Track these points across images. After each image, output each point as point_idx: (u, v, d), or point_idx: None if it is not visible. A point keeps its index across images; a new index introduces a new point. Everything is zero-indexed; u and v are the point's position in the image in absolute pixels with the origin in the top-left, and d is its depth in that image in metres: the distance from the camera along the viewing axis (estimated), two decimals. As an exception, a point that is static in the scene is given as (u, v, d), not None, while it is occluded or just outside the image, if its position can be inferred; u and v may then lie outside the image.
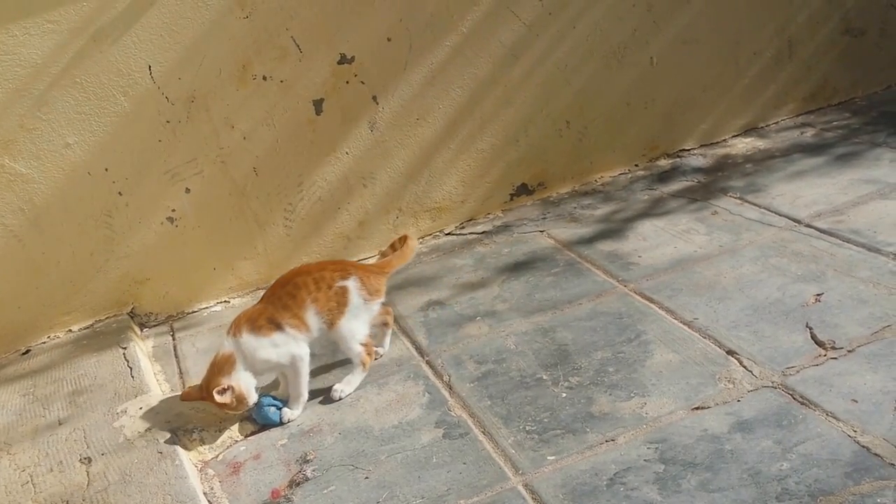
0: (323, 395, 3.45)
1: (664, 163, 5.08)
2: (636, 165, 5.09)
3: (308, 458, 3.09)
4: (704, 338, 3.32)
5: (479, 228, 4.70)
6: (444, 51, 4.45)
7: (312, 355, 3.70)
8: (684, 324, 3.44)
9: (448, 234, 4.73)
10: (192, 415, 3.33)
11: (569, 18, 4.64)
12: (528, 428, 3.02)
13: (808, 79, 5.32)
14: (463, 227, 4.76)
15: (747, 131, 5.28)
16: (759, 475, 2.58)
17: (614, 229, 4.37)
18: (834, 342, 3.12)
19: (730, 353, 3.19)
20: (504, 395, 3.23)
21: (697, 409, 2.93)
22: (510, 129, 4.72)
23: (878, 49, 5.40)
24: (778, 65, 5.20)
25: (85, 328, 4.20)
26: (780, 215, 4.14)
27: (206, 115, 4.10)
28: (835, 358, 3.04)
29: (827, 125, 5.14)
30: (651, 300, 3.66)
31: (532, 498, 2.69)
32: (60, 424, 3.40)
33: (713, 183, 4.68)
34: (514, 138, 4.75)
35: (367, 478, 2.93)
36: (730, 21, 5.01)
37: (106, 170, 4.03)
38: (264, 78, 4.16)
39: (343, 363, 3.63)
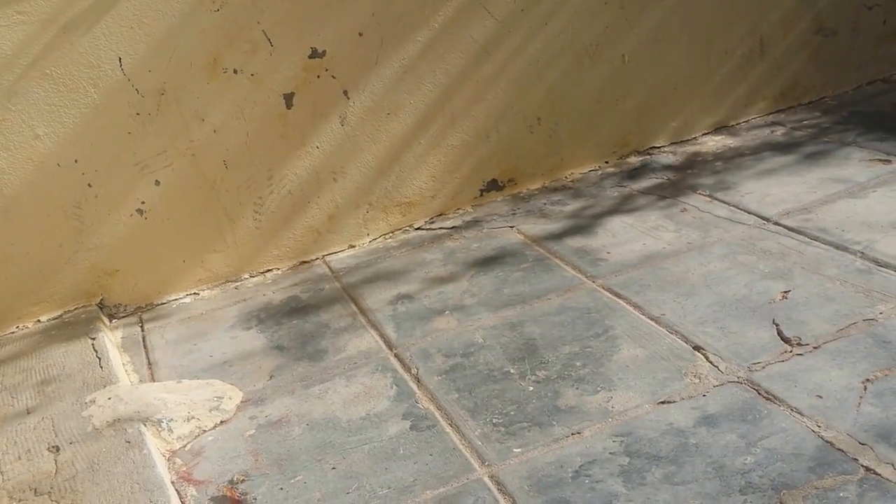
0: (292, 387, 3.46)
1: (634, 160, 5.10)
2: (606, 162, 5.11)
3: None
4: (671, 333, 3.34)
5: (449, 223, 4.71)
6: (416, 46, 4.46)
7: (281, 348, 3.72)
8: (652, 319, 3.46)
9: (418, 228, 4.73)
10: (161, 405, 3.33)
11: (541, 15, 4.65)
12: (494, 420, 3.04)
13: (779, 78, 5.35)
14: (433, 222, 4.76)
15: (718, 129, 5.31)
16: (724, 469, 2.60)
17: (584, 225, 4.39)
18: (800, 338, 3.15)
19: (696, 348, 3.22)
20: (471, 388, 3.24)
21: (663, 403, 2.95)
22: (481, 125, 4.73)
23: (849, 49, 5.44)
24: (749, 63, 5.23)
25: (54, 319, 4.18)
26: (748, 213, 4.17)
27: (177, 107, 4.09)
28: (800, 354, 3.07)
29: (797, 124, 5.17)
30: (619, 296, 3.68)
31: (498, 489, 2.71)
32: (28, 413, 3.38)
33: (683, 180, 4.70)
34: (485, 134, 4.75)
35: (334, 468, 2.93)
36: (702, 19, 5.03)
37: (75, 161, 4.00)
38: (235, 71, 4.15)
39: (309, 357, 3.65)
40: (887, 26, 5.50)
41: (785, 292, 3.47)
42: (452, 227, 4.65)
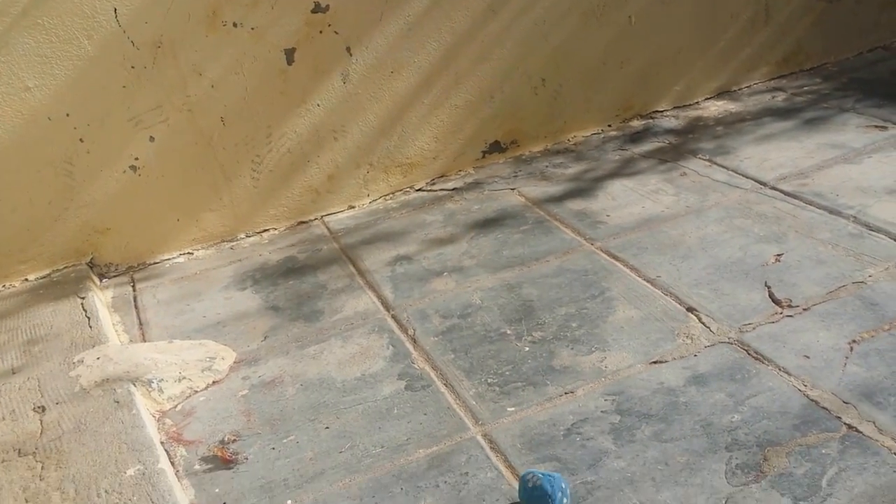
0: (287, 348, 3.45)
1: (637, 123, 5.08)
2: (609, 125, 5.08)
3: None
4: (666, 295, 3.35)
5: (450, 185, 4.69)
6: (421, 3, 4.40)
7: (276, 309, 3.71)
8: (647, 281, 3.47)
9: (419, 190, 4.71)
10: (151, 365, 3.31)
11: (549, -26, 4.62)
12: (489, 380, 3.04)
13: (782, 43, 5.32)
14: (434, 184, 4.74)
15: (720, 94, 5.29)
16: (711, 426, 2.64)
17: (584, 188, 4.37)
18: (790, 300, 3.19)
19: (690, 309, 3.23)
20: (468, 348, 3.25)
21: (655, 363, 2.98)
22: (485, 86, 4.69)
23: (853, 15, 5.40)
24: (753, 28, 5.19)
25: (42, 277, 4.14)
26: (746, 177, 4.18)
27: (173, 61, 4.04)
28: (790, 316, 3.11)
29: (798, 90, 5.17)
30: (617, 258, 3.67)
31: (490, 447, 2.72)
32: (14, 373, 3.35)
33: (684, 144, 4.69)
34: (489, 95, 4.72)
35: (327, 428, 2.94)
36: (708, -18, 5.00)
37: (67, 115, 3.95)
38: (235, 25, 4.09)
39: (303, 317, 3.64)
40: (892, -8, 5.47)
41: (778, 255, 3.49)
42: (453, 189, 4.63)
